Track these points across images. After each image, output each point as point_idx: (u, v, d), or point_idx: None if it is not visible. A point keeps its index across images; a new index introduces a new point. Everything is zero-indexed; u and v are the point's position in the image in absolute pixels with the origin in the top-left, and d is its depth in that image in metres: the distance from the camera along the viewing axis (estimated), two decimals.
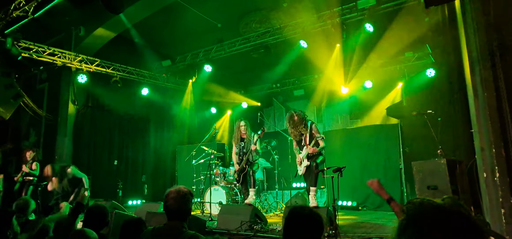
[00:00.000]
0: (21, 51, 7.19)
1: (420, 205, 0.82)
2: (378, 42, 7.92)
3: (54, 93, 8.89)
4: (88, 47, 8.51)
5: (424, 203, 0.82)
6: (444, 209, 0.79)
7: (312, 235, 1.73)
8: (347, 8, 7.03)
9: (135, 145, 10.36)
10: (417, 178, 4.13)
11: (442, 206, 0.80)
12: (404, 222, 0.81)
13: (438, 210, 0.79)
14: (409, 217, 0.81)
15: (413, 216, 0.81)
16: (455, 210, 0.79)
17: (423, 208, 0.81)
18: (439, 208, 0.80)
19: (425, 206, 0.81)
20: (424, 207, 0.81)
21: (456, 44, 4.38)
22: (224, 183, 7.26)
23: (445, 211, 0.79)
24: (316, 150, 5.40)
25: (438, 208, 0.80)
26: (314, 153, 5.43)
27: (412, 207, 0.83)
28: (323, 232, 1.78)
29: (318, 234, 1.75)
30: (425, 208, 0.81)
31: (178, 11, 7.94)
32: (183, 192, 2.30)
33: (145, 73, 9.89)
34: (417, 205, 0.82)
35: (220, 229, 5.15)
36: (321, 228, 1.76)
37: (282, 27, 8.00)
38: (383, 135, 8.20)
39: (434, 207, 0.80)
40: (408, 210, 0.83)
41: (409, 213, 0.82)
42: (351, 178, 7.91)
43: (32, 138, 9.29)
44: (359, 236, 4.54)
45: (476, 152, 3.91)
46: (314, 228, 1.74)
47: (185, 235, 2.18)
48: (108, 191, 9.36)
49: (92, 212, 2.76)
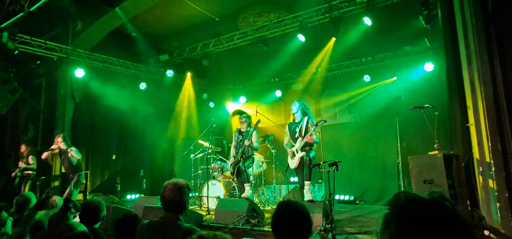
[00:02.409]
0: (18, 45, 7.15)
1: (404, 198, 0.82)
2: (376, 35, 7.89)
3: (52, 87, 8.86)
4: (85, 42, 8.45)
5: (408, 196, 0.83)
6: (428, 202, 0.79)
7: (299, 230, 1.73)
8: (345, 2, 6.99)
9: (133, 140, 10.35)
10: (414, 172, 4.14)
11: (426, 199, 0.80)
12: (389, 216, 0.81)
13: (422, 203, 0.79)
14: (393, 210, 0.82)
15: (397, 210, 0.81)
16: (440, 203, 0.79)
17: (407, 202, 0.81)
18: (423, 201, 0.80)
19: (409, 199, 0.81)
20: (408, 201, 0.81)
21: (454, 38, 4.36)
22: (222, 177, 7.28)
23: (429, 204, 0.79)
24: (312, 140, 5.48)
25: (422, 201, 0.80)
26: (311, 142, 5.48)
27: (396, 200, 0.83)
28: (311, 228, 1.78)
29: (305, 229, 1.75)
30: (409, 201, 0.81)
31: (175, 5, 7.90)
32: (180, 184, 2.30)
33: (143, 67, 9.85)
34: (401, 199, 0.82)
35: (217, 223, 5.18)
36: (309, 223, 1.76)
37: (280, 21, 7.96)
38: (381, 129, 8.21)
39: (418, 200, 0.80)
40: (392, 203, 0.83)
41: (393, 207, 0.82)
42: (348, 172, 7.94)
43: (30, 133, 9.28)
44: (355, 230, 4.55)
45: (473, 146, 3.91)
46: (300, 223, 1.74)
47: (181, 228, 2.17)
48: (106, 186, 9.39)
49: (87, 208, 2.76)
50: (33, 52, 7.64)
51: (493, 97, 3.55)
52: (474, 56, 3.77)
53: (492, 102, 3.55)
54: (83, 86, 8.89)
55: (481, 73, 3.66)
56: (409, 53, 8.51)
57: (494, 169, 3.45)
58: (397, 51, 8.68)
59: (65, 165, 6.15)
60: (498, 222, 3.39)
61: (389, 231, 0.78)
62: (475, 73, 3.76)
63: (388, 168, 7.81)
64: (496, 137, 3.47)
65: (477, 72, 3.71)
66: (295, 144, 5.64)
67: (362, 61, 9.15)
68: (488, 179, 3.58)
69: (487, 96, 3.59)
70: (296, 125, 5.75)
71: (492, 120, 3.51)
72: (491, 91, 3.57)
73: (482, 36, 3.70)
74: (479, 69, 3.69)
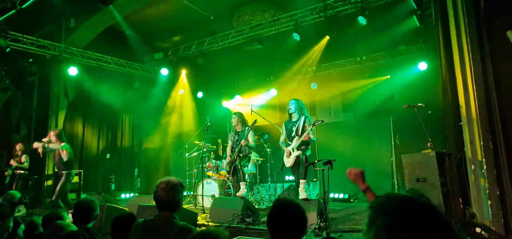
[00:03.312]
0: (9, 43, 7.06)
1: (386, 197, 0.91)
2: (370, 34, 7.93)
3: (45, 86, 8.76)
4: (78, 40, 8.38)
5: (389, 195, 0.92)
6: (409, 199, 0.88)
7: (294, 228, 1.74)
8: (340, 1, 7.01)
9: (127, 139, 10.30)
10: (407, 170, 4.17)
11: (407, 196, 0.90)
12: (373, 214, 0.89)
13: (403, 200, 0.88)
14: (376, 209, 0.89)
15: (380, 208, 0.89)
16: (420, 200, 0.88)
17: (389, 199, 0.90)
18: (404, 198, 0.89)
19: (391, 197, 0.91)
20: (390, 199, 0.90)
21: (447, 38, 4.40)
22: (217, 176, 7.27)
23: (410, 200, 0.88)
24: (309, 138, 5.50)
25: (403, 198, 0.89)
26: (308, 140, 5.50)
27: (379, 200, 0.92)
28: (306, 225, 1.79)
29: (301, 227, 1.76)
30: (390, 199, 0.90)
31: (170, 3, 7.86)
32: (173, 182, 2.29)
33: (137, 66, 9.79)
34: (383, 197, 0.92)
35: (212, 221, 5.17)
36: (304, 221, 1.78)
37: (275, 19, 7.97)
38: (375, 128, 8.26)
39: (399, 198, 0.90)
40: (375, 203, 0.91)
41: (376, 206, 0.90)
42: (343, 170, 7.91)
43: (22, 132, 9.17)
44: (349, 228, 4.58)
45: (465, 145, 3.96)
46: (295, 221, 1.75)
47: (176, 226, 2.17)
48: (101, 185, 9.34)
49: (80, 206, 2.74)
50: (25, 50, 7.56)
51: (485, 96, 3.60)
52: (466, 56, 3.81)
53: (484, 102, 3.59)
54: (76, 84, 8.82)
55: (474, 73, 3.71)
56: (403, 52, 8.57)
57: (485, 167, 3.49)
58: (391, 50, 8.74)
59: (56, 160, 6.07)
60: (489, 219, 3.44)
61: (374, 226, 0.86)
62: (468, 73, 3.80)
63: (382, 166, 7.86)
64: (487, 136, 3.52)
65: (470, 72, 3.76)
66: (292, 143, 5.65)
67: (356, 60, 9.20)
68: (480, 177, 3.63)
69: (479, 96, 3.64)
70: (293, 124, 5.75)
71: (484, 119, 3.56)
72: (483, 91, 3.62)
73: (475, 37, 3.75)
74: (471, 69, 3.73)
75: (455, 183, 4.08)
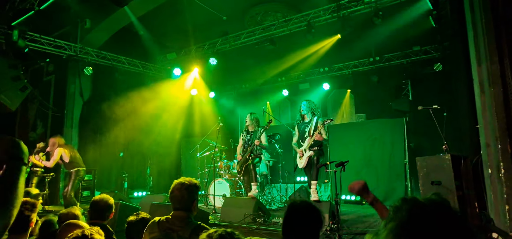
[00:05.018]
0: (28, 43, 7.25)
1: (403, 201, 0.84)
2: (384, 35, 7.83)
3: (61, 85, 8.98)
4: (94, 40, 8.55)
5: (407, 200, 0.84)
6: (429, 204, 0.81)
7: (311, 230, 1.74)
8: (353, 1, 6.95)
9: (140, 137, 10.44)
10: (421, 173, 4.10)
11: (425, 202, 0.82)
12: (389, 220, 0.83)
13: (422, 206, 0.81)
14: (393, 215, 0.83)
15: (397, 213, 0.82)
16: (440, 204, 0.80)
17: (406, 204, 0.82)
18: (424, 204, 0.81)
19: (409, 202, 0.83)
20: (408, 203, 0.83)
21: (464, 38, 4.32)
22: (228, 176, 7.30)
23: (430, 206, 0.80)
24: (321, 138, 5.48)
25: (422, 204, 0.81)
26: (320, 140, 5.48)
27: (396, 205, 0.85)
28: (322, 226, 1.78)
29: (317, 228, 1.75)
30: (408, 204, 0.82)
31: (183, 4, 7.92)
32: (189, 183, 2.33)
33: (150, 66, 9.92)
34: (400, 202, 0.84)
35: (223, 221, 5.20)
36: (320, 222, 1.77)
37: (288, 20, 7.95)
38: (388, 130, 8.15)
39: (418, 203, 0.82)
40: (392, 208, 0.86)
41: (393, 211, 0.84)
42: (355, 172, 7.89)
43: (39, 130, 9.40)
44: (361, 230, 4.54)
45: (482, 147, 3.87)
46: (312, 222, 1.74)
47: (191, 225, 2.20)
48: (114, 183, 9.50)
49: (97, 204, 2.79)
50: (42, 50, 7.75)
51: (502, 98, 3.51)
52: (483, 56, 3.73)
53: (502, 104, 3.50)
54: (91, 84, 9.00)
55: (491, 74, 3.62)
56: (417, 53, 8.44)
57: (503, 171, 3.41)
58: (406, 51, 8.61)
59: (61, 163, 6.23)
60: (506, 225, 3.36)
61: (391, 236, 0.79)
62: (485, 74, 3.71)
63: (395, 168, 7.75)
64: (505, 139, 3.43)
65: (487, 73, 3.67)
66: (304, 144, 5.64)
67: (369, 61, 9.10)
68: (497, 181, 3.55)
69: (496, 98, 3.55)
70: (306, 125, 5.75)
71: (502, 121, 3.47)
72: (501, 93, 3.53)
73: (492, 37, 3.66)
74: (488, 70, 3.65)
75: (471, 187, 4.00)
